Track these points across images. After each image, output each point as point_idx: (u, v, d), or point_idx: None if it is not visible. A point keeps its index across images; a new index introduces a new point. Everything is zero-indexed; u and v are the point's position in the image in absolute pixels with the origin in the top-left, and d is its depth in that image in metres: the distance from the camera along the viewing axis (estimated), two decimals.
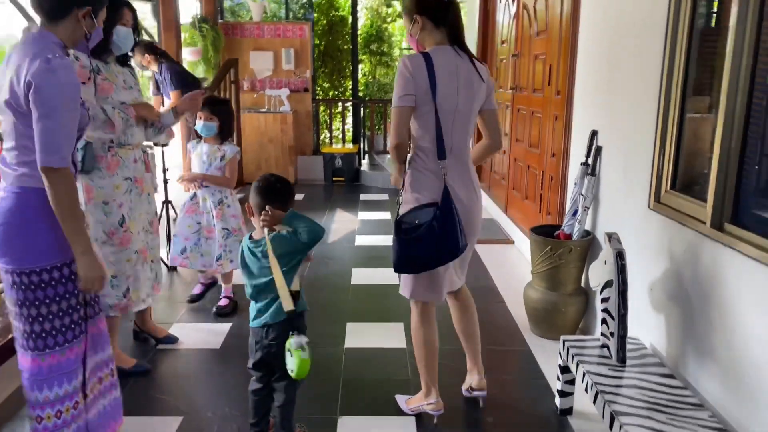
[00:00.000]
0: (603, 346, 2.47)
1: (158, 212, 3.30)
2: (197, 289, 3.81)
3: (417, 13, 2.31)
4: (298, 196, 6.86)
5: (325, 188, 7.47)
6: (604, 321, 2.46)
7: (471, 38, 7.17)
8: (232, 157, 3.44)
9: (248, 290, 2.18)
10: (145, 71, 5.29)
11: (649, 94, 2.61)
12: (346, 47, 8.32)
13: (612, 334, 2.38)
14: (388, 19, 9.26)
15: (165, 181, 4.19)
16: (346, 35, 8.31)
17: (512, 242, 5.01)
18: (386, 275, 4.21)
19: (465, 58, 2.33)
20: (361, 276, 4.23)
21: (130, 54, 2.82)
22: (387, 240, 5.09)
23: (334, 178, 7.68)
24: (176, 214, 4.27)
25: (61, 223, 1.83)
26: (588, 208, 3.19)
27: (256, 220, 2.14)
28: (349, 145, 7.95)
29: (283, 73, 7.81)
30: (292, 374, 2.01)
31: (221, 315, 3.52)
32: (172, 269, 4.22)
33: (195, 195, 3.48)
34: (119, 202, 2.66)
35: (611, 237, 2.45)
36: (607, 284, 2.43)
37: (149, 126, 2.83)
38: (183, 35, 7.03)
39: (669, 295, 2.44)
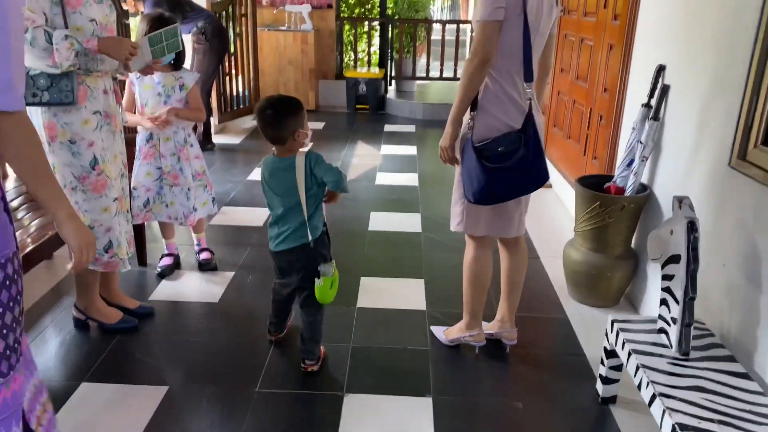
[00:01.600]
0: (661, 331, 2.06)
1: None
2: (166, 260, 3.11)
3: None
4: (318, 125, 6.40)
5: (347, 116, 6.97)
6: (664, 302, 2.04)
7: None
8: (194, 84, 2.92)
9: (273, 212, 2.23)
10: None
11: (742, 18, 2.07)
12: None
13: (674, 320, 1.97)
14: None
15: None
16: None
17: (550, 186, 4.54)
18: (407, 221, 3.81)
19: None
20: (379, 221, 3.83)
21: None
22: (409, 180, 4.66)
23: (357, 106, 7.17)
24: None
25: (31, 185, 1.30)
26: (647, 158, 2.71)
27: (275, 148, 2.19)
28: (375, 70, 7.38)
29: None
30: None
31: (208, 269, 3.11)
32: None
33: (151, 136, 2.89)
34: (89, 140, 2.24)
35: (682, 202, 1.99)
36: (672, 259, 1.99)
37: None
38: None
39: (747, 275, 1.99)
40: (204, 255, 3.16)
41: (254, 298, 2.86)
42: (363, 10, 7.91)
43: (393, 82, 7.69)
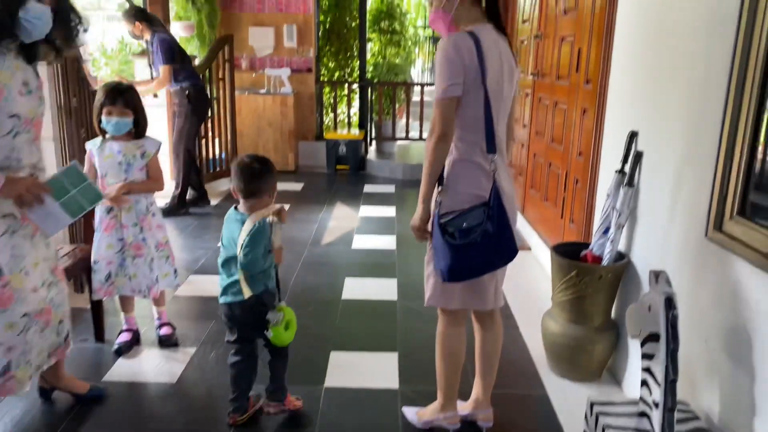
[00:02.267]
0: (642, 414, 1.93)
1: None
2: (124, 336, 2.92)
3: None
4: (297, 186, 6.33)
5: (327, 177, 6.92)
6: (645, 383, 1.91)
7: None
8: (156, 152, 2.78)
9: (220, 258, 2.27)
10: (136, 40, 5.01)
11: (712, 85, 2.02)
12: (354, 24, 7.70)
13: (656, 403, 1.84)
14: None
15: None
16: (354, 11, 7.69)
17: (528, 248, 4.45)
18: (383, 288, 3.68)
19: (504, 39, 2.06)
20: (354, 288, 3.70)
21: (49, 41, 2.04)
22: (387, 243, 4.55)
23: (337, 167, 7.13)
24: None
25: None
26: (623, 226, 2.63)
27: (243, 202, 2.23)
28: (355, 131, 7.38)
29: (284, 51, 7.24)
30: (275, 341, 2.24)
31: (169, 345, 2.93)
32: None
33: (112, 207, 2.73)
34: None
35: (659, 276, 1.89)
36: (651, 337, 1.87)
37: None
38: (174, 9, 6.49)
39: (730, 353, 1.88)
40: (164, 330, 2.99)
41: (215, 377, 2.68)
42: (342, 73, 7.99)
43: (373, 143, 7.69)
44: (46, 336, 2.16)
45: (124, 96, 2.64)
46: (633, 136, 2.66)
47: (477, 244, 1.97)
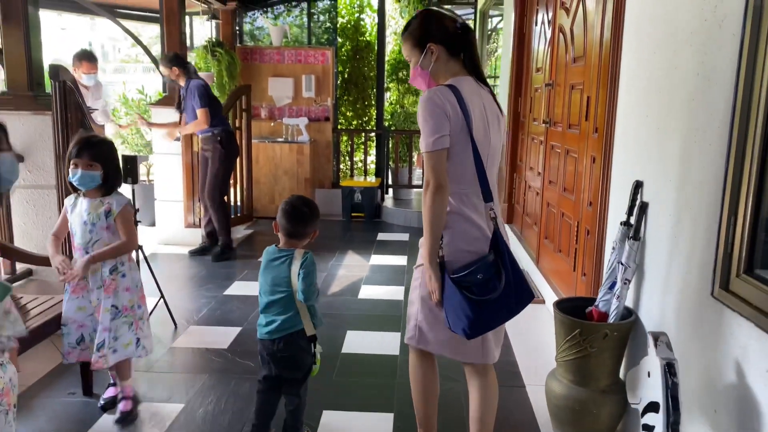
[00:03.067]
0: None
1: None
2: (111, 391, 2.81)
3: (432, 42, 2.03)
4: None
5: (342, 225, 6.87)
6: None
7: (506, 65, 6.53)
8: (122, 210, 2.58)
9: (262, 300, 2.33)
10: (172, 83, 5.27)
11: (713, 134, 1.91)
12: (372, 74, 7.79)
13: None
14: None
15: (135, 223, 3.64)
16: (372, 62, 7.78)
17: (542, 301, 4.28)
18: (385, 341, 3.55)
19: (486, 90, 2.08)
20: (355, 342, 3.57)
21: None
22: (394, 293, 4.43)
23: (352, 214, 7.08)
24: (147, 262, 3.70)
25: None
26: (629, 281, 2.48)
27: (281, 237, 2.32)
28: (371, 178, 7.36)
29: (303, 101, 7.32)
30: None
31: (126, 423, 2.64)
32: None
33: None
34: None
35: (658, 339, 1.75)
36: (652, 406, 1.72)
37: None
38: (194, 60, 6.64)
39: (741, 426, 1.70)
40: (122, 405, 2.70)
41: None
42: (360, 122, 8.03)
43: (389, 190, 7.65)
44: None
45: (92, 148, 2.50)
46: (638, 186, 2.54)
47: (499, 299, 1.91)
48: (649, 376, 1.72)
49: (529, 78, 5.59)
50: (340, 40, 7.84)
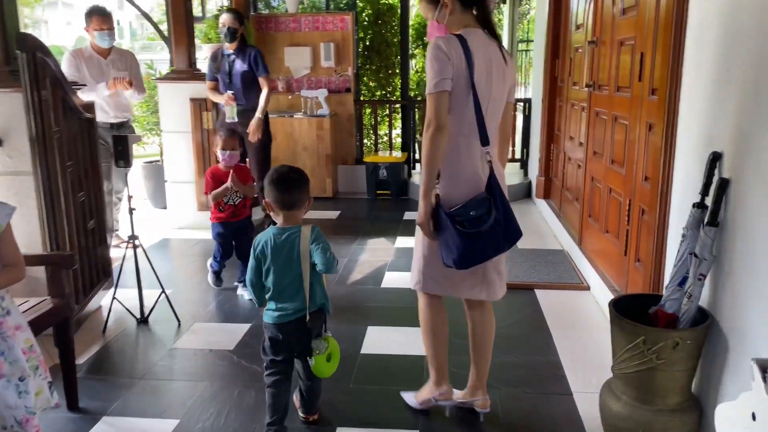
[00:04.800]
0: None
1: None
2: None
3: None
4: (333, 214, 5.89)
5: (367, 203, 6.46)
6: None
7: (540, 25, 5.97)
8: (6, 226, 1.91)
9: (273, 285, 2.20)
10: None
11: None
12: (395, 40, 7.26)
13: None
14: None
15: (130, 211, 3.28)
16: (395, 27, 7.25)
17: (587, 288, 3.81)
18: (410, 339, 3.14)
19: (495, 44, 2.17)
20: (376, 340, 3.18)
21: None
22: None
23: (377, 192, 6.65)
24: (145, 252, 3.35)
25: None
26: (704, 276, 2.01)
27: (278, 214, 2.21)
28: (397, 153, 6.91)
29: (322, 71, 6.87)
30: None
31: None
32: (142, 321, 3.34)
33: None
34: None
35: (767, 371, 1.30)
36: None
37: None
38: (204, 31, 6.24)
39: None
40: None
41: None
42: (384, 92, 7.54)
43: (417, 165, 7.18)
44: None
45: None
46: (715, 159, 2.06)
47: (487, 233, 2.07)
48: (754, 419, 1.29)
49: (568, 37, 5.04)
50: (360, 4, 7.31)
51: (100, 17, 4.40)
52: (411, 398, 2.53)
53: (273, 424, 2.26)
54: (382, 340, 3.17)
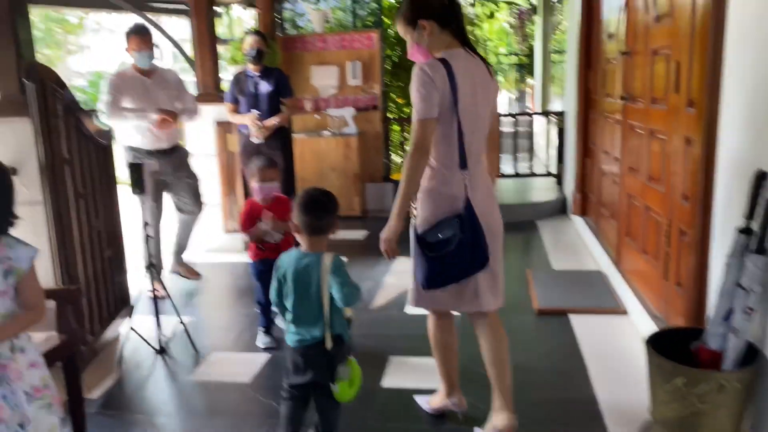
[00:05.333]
0: None
1: None
2: None
3: (424, 18, 2.15)
4: (360, 234, 5.76)
5: None
6: None
7: (572, 36, 5.78)
8: (29, 269, 1.88)
9: (291, 309, 2.16)
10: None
11: None
12: None
13: None
14: (477, 21, 7.97)
15: (146, 239, 3.22)
16: None
17: (624, 312, 3.58)
18: (434, 373, 2.96)
19: (477, 59, 2.21)
20: (398, 372, 3.02)
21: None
22: None
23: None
24: (162, 284, 3.27)
25: None
26: (753, 311, 1.81)
27: (303, 237, 2.15)
28: None
29: (349, 90, 6.79)
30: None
31: None
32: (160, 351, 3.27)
33: None
34: None
35: None
36: None
37: None
38: (231, 52, 6.24)
39: None
40: None
41: None
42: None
43: None
44: None
45: None
46: (761, 178, 1.86)
47: (451, 254, 2.12)
48: None
49: (600, 47, 4.84)
50: (386, 21, 7.24)
51: (138, 37, 4.08)
52: (424, 403, 2.64)
53: None
54: (404, 372, 3.01)
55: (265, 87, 4.91)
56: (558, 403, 2.67)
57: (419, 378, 2.93)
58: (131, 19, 6.41)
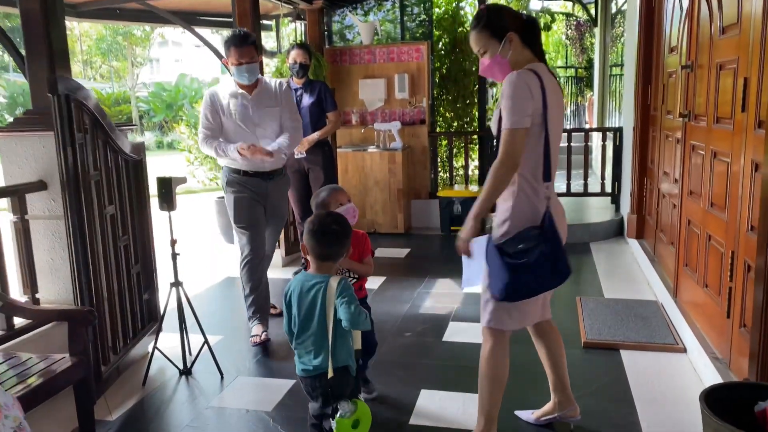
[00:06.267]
0: None
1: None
2: None
3: (511, 31, 2.17)
4: (402, 252, 5.58)
5: (440, 240, 6.11)
6: None
7: (631, 48, 5.47)
8: None
9: (297, 332, 2.12)
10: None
11: None
12: (473, 69, 6.94)
13: None
14: None
15: (173, 256, 3.13)
16: (473, 55, 6.93)
17: (683, 350, 3.27)
18: (467, 408, 2.76)
19: (553, 76, 2.21)
20: (429, 406, 2.81)
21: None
22: None
23: (452, 227, 6.30)
24: (188, 301, 3.18)
25: None
26: None
27: (311, 259, 2.13)
28: (474, 187, 6.53)
29: (396, 103, 6.65)
30: None
31: None
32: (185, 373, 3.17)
33: None
34: None
35: None
36: None
37: None
38: (277, 64, 6.20)
39: None
40: None
41: None
42: (461, 123, 7.21)
43: None
44: None
45: None
46: None
47: (533, 265, 2.08)
48: None
49: (661, 61, 4.53)
50: (436, 33, 7.07)
51: (236, 49, 3.39)
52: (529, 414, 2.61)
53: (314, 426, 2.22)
54: (436, 408, 2.79)
55: (307, 100, 4.86)
56: None
57: (451, 415, 2.72)
58: (191, 34, 6.46)
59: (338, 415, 2.06)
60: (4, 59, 25.04)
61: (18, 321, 2.81)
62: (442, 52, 7.05)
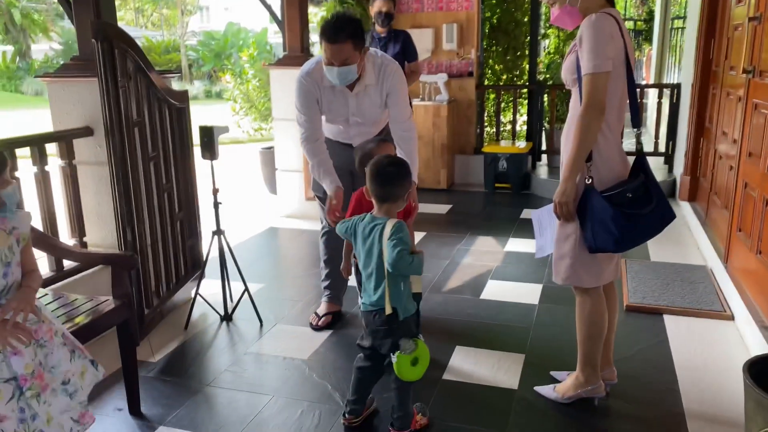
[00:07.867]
0: None
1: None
2: None
3: None
4: (443, 208, 5.53)
5: (483, 198, 6.02)
6: None
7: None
8: (32, 230, 1.93)
9: (363, 269, 2.19)
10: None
11: None
12: (525, 19, 6.67)
13: None
14: None
15: (215, 205, 3.17)
16: (526, 4, 6.67)
17: (730, 317, 3.16)
18: (501, 366, 2.75)
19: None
20: (463, 362, 2.81)
21: None
22: (529, 294, 3.56)
23: (496, 185, 6.19)
24: (230, 250, 3.23)
25: None
26: None
27: (375, 203, 2.18)
28: (521, 143, 6.37)
29: (444, 55, 6.48)
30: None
31: None
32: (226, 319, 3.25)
33: None
34: None
35: None
36: None
37: None
38: (323, 13, 6.10)
39: None
40: None
41: None
42: (511, 76, 6.99)
43: (543, 156, 6.59)
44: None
45: None
46: None
47: (647, 214, 2.09)
48: None
49: (727, 13, 4.25)
50: None
51: (327, 45, 2.61)
52: (550, 392, 2.49)
53: (353, 402, 2.32)
54: (469, 365, 2.79)
55: (391, 50, 4.73)
56: (639, 418, 2.36)
57: (484, 373, 2.71)
58: None
59: (400, 351, 2.10)
60: (59, 7, 25.49)
61: (66, 263, 2.92)
62: (493, 1, 6.79)
